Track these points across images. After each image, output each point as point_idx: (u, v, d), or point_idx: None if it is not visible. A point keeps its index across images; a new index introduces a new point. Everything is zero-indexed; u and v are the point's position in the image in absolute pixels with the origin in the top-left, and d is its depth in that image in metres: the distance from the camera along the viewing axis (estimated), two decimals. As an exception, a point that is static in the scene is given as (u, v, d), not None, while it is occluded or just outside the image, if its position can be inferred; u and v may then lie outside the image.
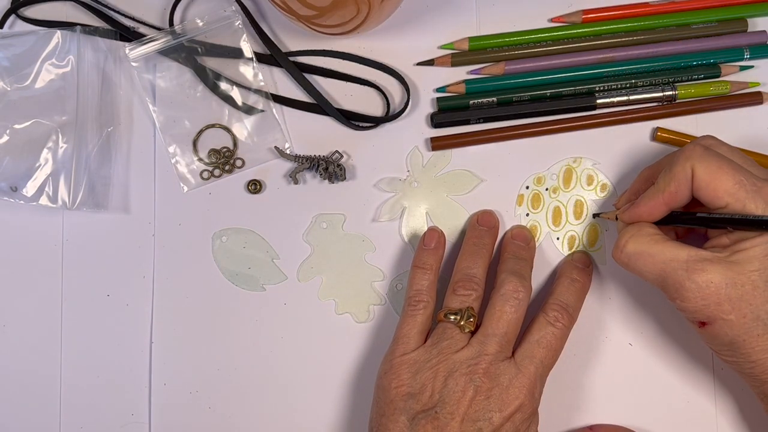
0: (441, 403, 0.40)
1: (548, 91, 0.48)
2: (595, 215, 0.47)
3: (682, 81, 0.48)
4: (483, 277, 0.44)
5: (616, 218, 0.43)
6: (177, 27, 0.48)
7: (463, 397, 0.40)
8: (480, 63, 0.48)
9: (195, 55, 0.48)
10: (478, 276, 0.44)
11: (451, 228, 0.48)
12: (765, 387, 0.39)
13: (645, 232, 0.40)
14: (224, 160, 0.48)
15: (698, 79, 0.48)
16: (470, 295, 0.43)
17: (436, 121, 0.48)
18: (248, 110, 0.49)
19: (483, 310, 0.43)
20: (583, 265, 0.46)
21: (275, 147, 0.48)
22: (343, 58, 0.49)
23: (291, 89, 0.49)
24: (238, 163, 0.48)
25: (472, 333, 0.42)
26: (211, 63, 0.49)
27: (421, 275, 0.44)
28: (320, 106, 0.48)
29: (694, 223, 0.41)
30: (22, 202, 0.47)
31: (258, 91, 0.48)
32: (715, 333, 0.38)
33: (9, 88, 0.47)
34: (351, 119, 0.48)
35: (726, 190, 0.38)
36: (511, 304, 0.42)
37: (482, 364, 0.40)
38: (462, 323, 0.42)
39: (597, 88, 0.48)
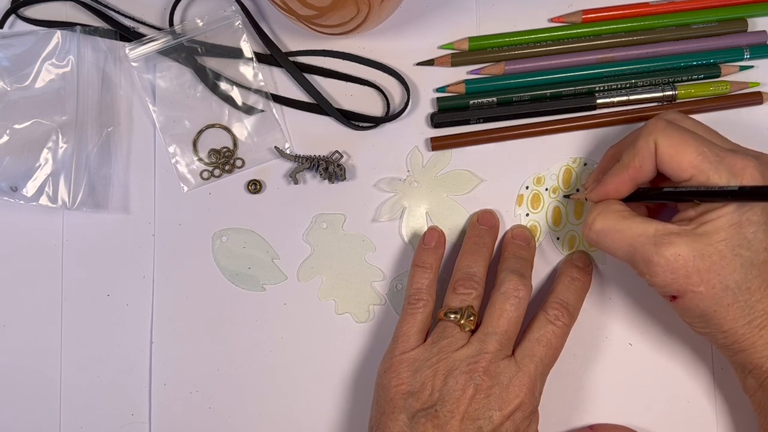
0: (441, 401, 0.40)
1: (548, 91, 0.48)
2: (565, 196, 0.47)
3: (682, 81, 0.48)
4: (483, 275, 0.44)
5: (586, 199, 0.43)
6: (177, 27, 0.48)
7: (463, 396, 0.40)
8: (480, 63, 0.48)
9: (195, 55, 0.48)
10: (478, 275, 0.44)
11: (451, 228, 0.48)
12: (738, 357, 0.40)
13: (612, 209, 0.40)
14: (224, 160, 0.48)
15: (698, 79, 0.48)
16: (470, 294, 0.43)
17: (436, 121, 0.48)
18: (248, 110, 0.49)
19: (483, 309, 0.43)
20: (583, 264, 0.46)
21: (275, 147, 0.48)
22: (343, 58, 0.49)
23: (291, 89, 0.49)
24: (238, 163, 0.48)
25: (472, 332, 0.42)
26: (211, 63, 0.49)
27: (421, 274, 0.45)
28: (320, 106, 0.48)
29: (661, 198, 0.41)
30: (22, 202, 0.47)
31: (258, 91, 0.48)
32: (687, 306, 0.39)
33: (9, 88, 0.47)
34: (351, 119, 0.48)
35: (689, 162, 0.38)
36: (512, 303, 0.42)
37: (482, 363, 0.40)
38: (462, 322, 0.42)
39: (597, 88, 0.48)
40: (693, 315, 0.39)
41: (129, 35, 0.49)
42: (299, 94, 0.49)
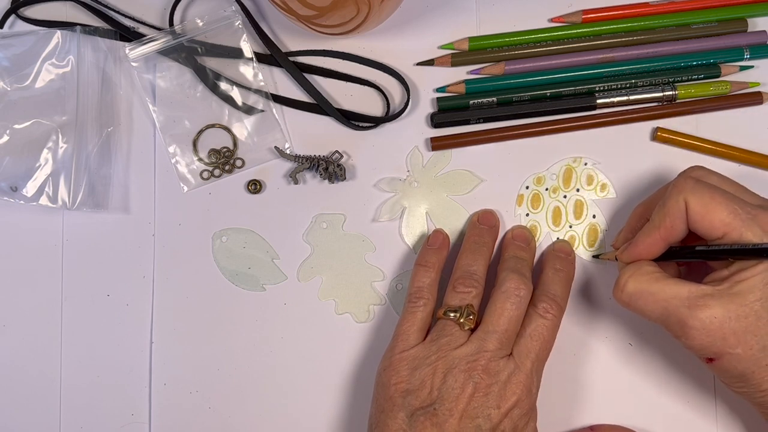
0: (440, 399, 0.40)
1: (548, 91, 0.48)
2: (594, 257, 0.47)
3: (682, 81, 0.48)
4: (483, 274, 0.44)
5: (616, 258, 0.43)
6: (177, 27, 0.48)
7: (462, 394, 0.40)
8: (480, 63, 0.48)
9: (195, 55, 0.48)
10: (478, 273, 0.44)
11: (451, 228, 0.48)
12: None
13: (644, 271, 0.40)
14: (224, 160, 0.48)
15: (698, 79, 0.48)
16: (470, 293, 0.43)
17: (436, 121, 0.48)
18: (248, 110, 0.49)
19: (483, 308, 0.43)
20: (565, 254, 0.46)
21: (275, 147, 0.48)
22: (343, 58, 0.49)
23: (291, 89, 0.49)
24: (238, 163, 0.48)
25: (472, 330, 0.42)
26: (211, 63, 0.49)
27: (424, 273, 0.45)
28: (320, 106, 0.48)
29: (693, 256, 0.40)
30: (22, 202, 0.47)
31: (258, 91, 0.48)
32: (724, 367, 0.38)
33: (9, 88, 0.47)
34: (351, 119, 0.48)
35: (721, 221, 0.38)
36: (513, 302, 0.42)
37: (481, 361, 0.40)
38: (462, 320, 0.42)
39: (597, 88, 0.48)
40: (731, 376, 0.39)
41: (129, 35, 0.49)
42: (299, 94, 0.49)
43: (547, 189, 0.48)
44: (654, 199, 0.43)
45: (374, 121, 0.48)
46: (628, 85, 0.48)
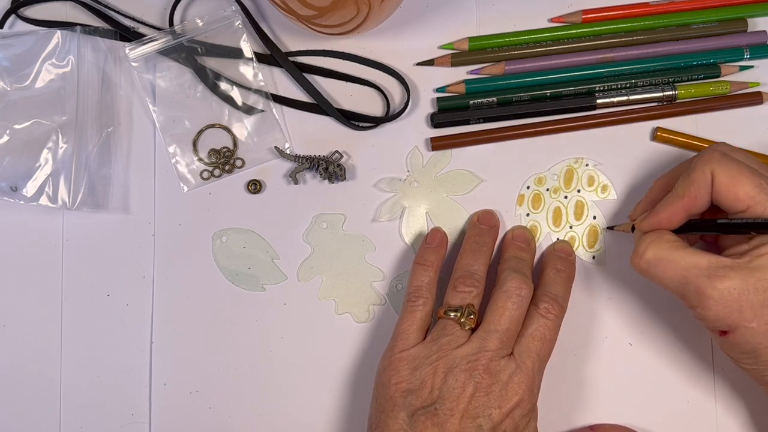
0: (441, 399, 0.40)
1: (548, 91, 0.48)
2: (609, 228, 0.47)
3: (682, 81, 0.48)
4: (484, 274, 0.44)
5: (632, 229, 0.43)
6: (177, 27, 0.48)
7: (463, 394, 0.40)
8: (480, 63, 0.48)
9: (195, 55, 0.48)
10: (479, 273, 0.44)
11: (451, 228, 0.48)
12: None
13: (665, 239, 0.40)
14: (224, 160, 0.48)
15: (698, 79, 0.48)
16: (471, 292, 0.43)
17: (436, 121, 0.48)
18: (248, 110, 0.49)
19: (483, 308, 0.43)
20: (566, 254, 0.46)
21: (275, 147, 0.48)
22: (343, 58, 0.49)
23: (291, 89, 0.49)
24: (238, 163, 0.48)
25: (472, 330, 0.42)
26: (211, 63, 0.49)
27: (422, 272, 0.45)
28: (320, 106, 0.48)
29: (714, 229, 0.40)
30: (22, 202, 0.47)
31: (258, 91, 0.48)
32: (737, 341, 0.38)
33: (9, 88, 0.47)
34: (351, 119, 0.48)
35: (746, 193, 0.38)
36: (514, 301, 0.42)
37: (482, 361, 0.40)
38: (462, 320, 0.42)
39: (597, 88, 0.48)
40: (742, 351, 0.39)
41: (129, 35, 0.49)
42: (299, 94, 0.49)
43: (548, 189, 0.48)
44: (676, 172, 0.43)
45: (374, 121, 0.48)
46: (628, 85, 0.48)
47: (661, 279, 0.40)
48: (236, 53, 0.48)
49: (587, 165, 0.48)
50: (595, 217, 0.48)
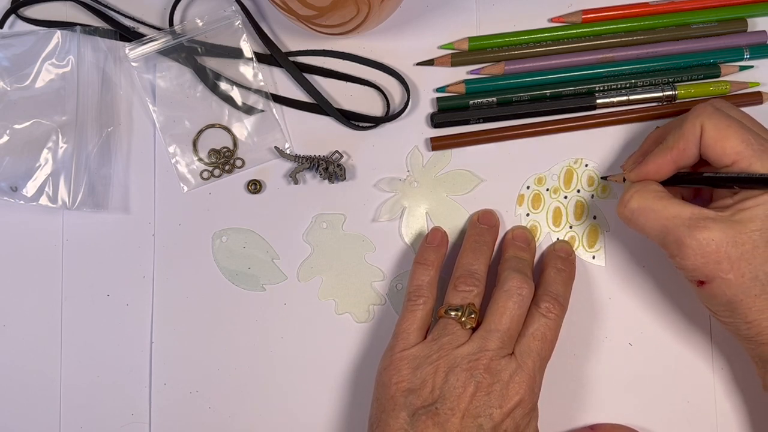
0: (441, 398, 0.40)
1: (548, 91, 0.48)
2: (603, 178, 0.47)
3: (682, 81, 0.48)
4: (484, 273, 0.44)
5: (624, 180, 0.44)
6: (177, 27, 0.48)
7: (464, 393, 0.40)
8: (480, 63, 0.48)
9: (195, 55, 0.48)
10: (479, 272, 0.44)
11: (451, 228, 0.48)
12: (760, 350, 0.40)
13: (650, 189, 0.41)
14: (224, 160, 0.48)
15: (698, 79, 0.48)
16: (471, 291, 0.43)
17: (436, 121, 0.48)
18: (248, 110, 0.49)
19: (484, 307, 0.43)
20: (566, 254, 0.46)
21: (275, 147, 0.48)
22: (343, 58, 0.49)
23: (291, 89, 0.49)
24: (238, 163, 0.48)
25: (473, 329, 0.42)
26: (211, 63, 0.49)
27: (422, 271, 0.45)
28: (320, 106, 0.48)
29: (700, 182, 0.41)
30: (22, 202, 0.47)
31: (258, 91, 0.48)
32: (713, 292, 0.39)
33: (9, 88, 0.47)
34: (351, 119, 0.48)
35: (733, 148, 0.38)
36: (515, 300, 0.42)
37: (483, 360, 0.40)
38: (463, 319, 0.42)
39: (597, 88, 0.48)
40: (719, 303, 0.39)
41: (129, 35, 0.49)
42: (299, 94, 0.49)
43: (548, 189, 0.48)
44: (671, 126, 0.43)
45: (374, 121, 0.48)
46: (628, 85, 0.48)
47: (643, 227, 0.40)
48: (236, 53, 0.48)
49: (587, 165, 0.48)
50: (595, 217, 0.48)
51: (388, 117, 0.48)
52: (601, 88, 0.48)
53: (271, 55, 0.49)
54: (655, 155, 0.41)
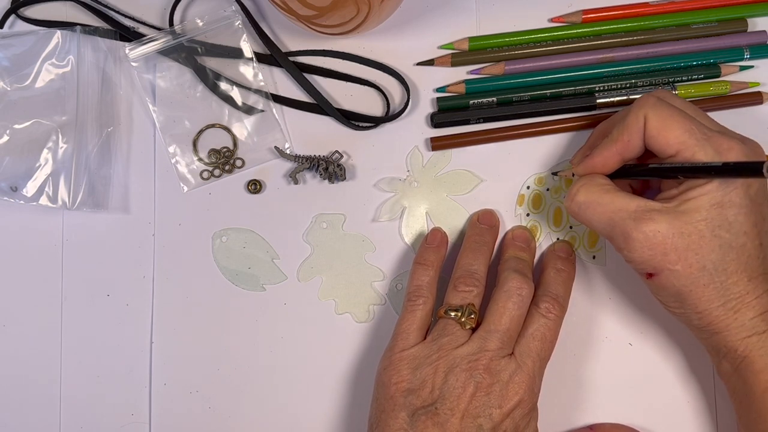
0: (441, 399, 0.40)
1: (548, 91, 0.48)
2: (553, 173, 0.47)
3: (682, 81, 0.48)
4: (484, 274, 0.44)
5: (573, 175, 0.43)
6: (177, 27, 0.48)
7: (464, 393, 0.40)
8: (480, 63, 0.48)
9: (195, 55, 0.48)
10: (479, 273, 0.44)
11: (451, 228, 0.48)
12: (713, 339, 0.40)
13: (596, 182, 0.41)
14: (224, 160, 0.48)
15: (698, 79, 0.48)
16: (471, 292, 0.43)
17: (436, 121, 0.48)
18: (248, 110, 0.49)
19: (483, 307, 0.43)
20: (566, 254, 0.46)
21: (275, 147, 0.48)
22: (343, 58, 0.49)
23: (291, 89, 0.49)
24: (238, 163, 0.48)
25: (473, 329, 0.42)
26: (211, 63, 0.49)
27: (422, 271, 0.45)
28: (320, 106, 0.48)
29: (645, 174, 0.41)
30: (22, 202, 0.47)
31: (258, 91, 0.48)
32: (662, 284, 0.39)
33: (9, 88, 0.47)
34: (351, 119, 0.48)
35: (676, 138, 0.38)
36: (514, 301, 0.42)
37: (483, 360, 0.40)
38: (463, 319, 0.42)
39: (597, 88, 0.48)
40: (668, 294, 0.39)
41: (129, 35, 0.49)
42: (299, 94, 0.49)
43: (548, 189, 0.48)
44: (616, 118, 0.44)
45: (374, 121, 0.48)
46: (628, 85, 0.48)
47: (590, 221, 0.40)
48: (236, 53, 0.48)
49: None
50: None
51: (388, 117, 0.48)
52: (601, 88, 0.48)
53: (271, 55, 0.49)
54: (600, 148, 0.41)
